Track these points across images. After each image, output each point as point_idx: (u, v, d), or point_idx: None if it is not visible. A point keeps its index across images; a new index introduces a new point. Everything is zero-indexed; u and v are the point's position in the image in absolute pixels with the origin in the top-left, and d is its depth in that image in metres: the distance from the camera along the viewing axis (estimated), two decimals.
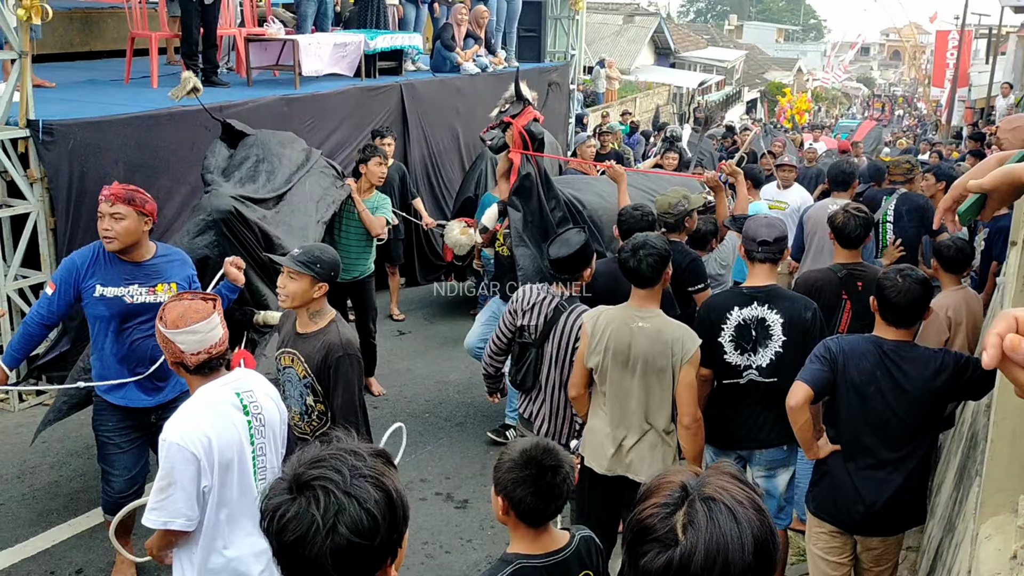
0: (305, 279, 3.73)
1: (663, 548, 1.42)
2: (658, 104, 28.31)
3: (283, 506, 1.54)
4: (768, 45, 60.94)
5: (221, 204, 5.17)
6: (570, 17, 14.05)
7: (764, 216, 4.41)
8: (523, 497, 2.43)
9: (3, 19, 5.89)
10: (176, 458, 2.81)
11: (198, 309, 2.98)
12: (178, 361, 3.00)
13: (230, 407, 2.98)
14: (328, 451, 1.61)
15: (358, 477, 1.56)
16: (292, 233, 5.59)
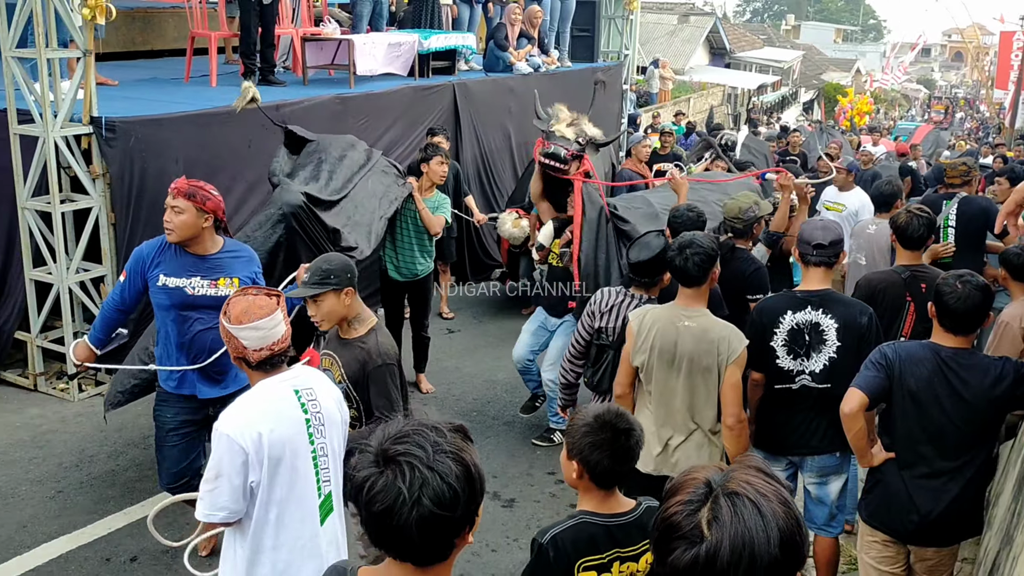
0: (328, 296, 3.65)
1: (689, 545, 1.43)
2: (712, 105, 28.05)
3: (371, 478, 1.67)
4: (826, 45, 60.01)
5: (291, 198, 5.21)
6: (624, 16, 13.96)
7: (820, 219, 4.35)
8: (600, 460, 2.54)
9: (69, 18, 6.04)
10: (224, 449, 2.80)
11: (262, 305, 2.96)
12: (240, 356, 2.99)
13: (287, 403, 2.94)
14: (411, 427, 1.72)
15: (440, 452, 1.67)
16: (357, 228, 5.63)
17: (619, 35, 14.11)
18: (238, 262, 4.32)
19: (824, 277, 4.09)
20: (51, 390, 6.57)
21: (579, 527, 2.57)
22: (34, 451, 5.73)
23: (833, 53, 57.80)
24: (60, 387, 6.57)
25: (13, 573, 4.53)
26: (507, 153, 10.45)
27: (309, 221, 5.21)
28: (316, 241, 5.27)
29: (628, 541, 2.58)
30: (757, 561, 1.40)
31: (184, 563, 3.31)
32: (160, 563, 4.65)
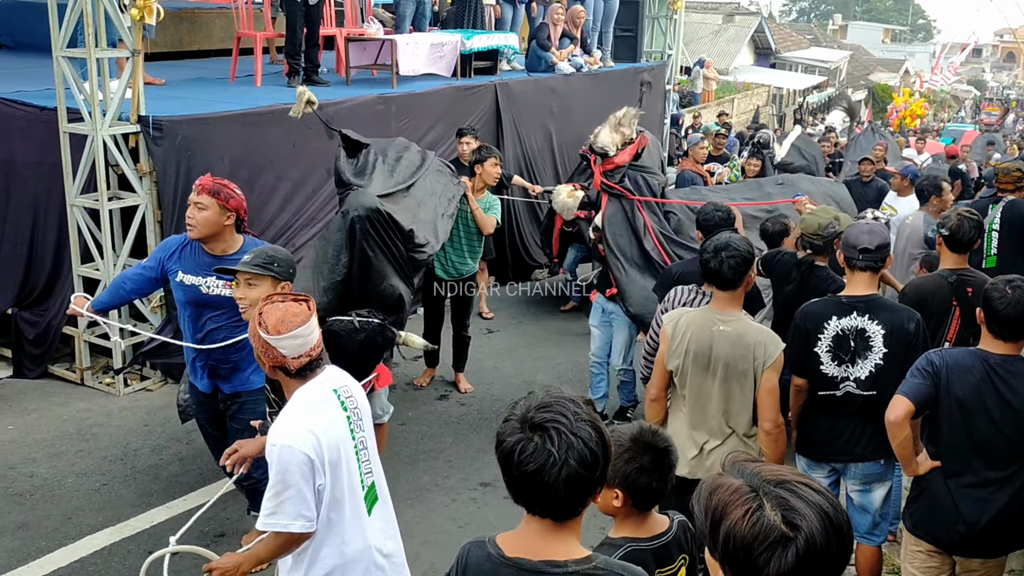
0: (266, 282, 3.57)
1: (783, 547, 1.43)
2: (758, 105, 27.77)
3: (522, 442, 1.89)
4: (874, 46, 59.09)
5: (367, 201, 5.06)
6: (668, 16, 13.86)
7: (866, 223, 4.27)
8: (648, 483, 2.51)
9: (118, 19, 6.14)
10: (289, 461, 2.77)
11: (296, 312, 2.91)
12: (279, 365, 2.93)
13: (330, 404, 2.96)
14: (551, 398, 1.94)
15: (580, 420, 1.90)
16: (423, 227, 5.60)
17: (662, 35, 14.01)
18: None
19: (870, 282, 4.01)
20: (97, 384, 6.68)
21: (629, 557, 2.46)
22: (80, 444, 5.83)
23: (881, 53, 56.90)
24: (106, 382, 6.68)
25: (58, 564, 4.61)
26: (548, 154, 10.42)
27: (384, 224, 5.11)
28: (391, 245, 5.13)
29: (668, 559, 2.57)
30: (841, 529, 1.47)
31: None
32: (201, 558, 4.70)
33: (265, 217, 7.15)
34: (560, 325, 8.59)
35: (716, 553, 1.50)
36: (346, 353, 4.66)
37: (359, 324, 4.69)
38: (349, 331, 4.62)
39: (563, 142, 10.44)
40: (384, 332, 4.76)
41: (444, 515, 5.24)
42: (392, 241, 5.14)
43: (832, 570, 1.47)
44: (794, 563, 1.43)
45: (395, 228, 5.14)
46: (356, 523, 3.01)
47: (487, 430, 6.33)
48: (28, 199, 6.89)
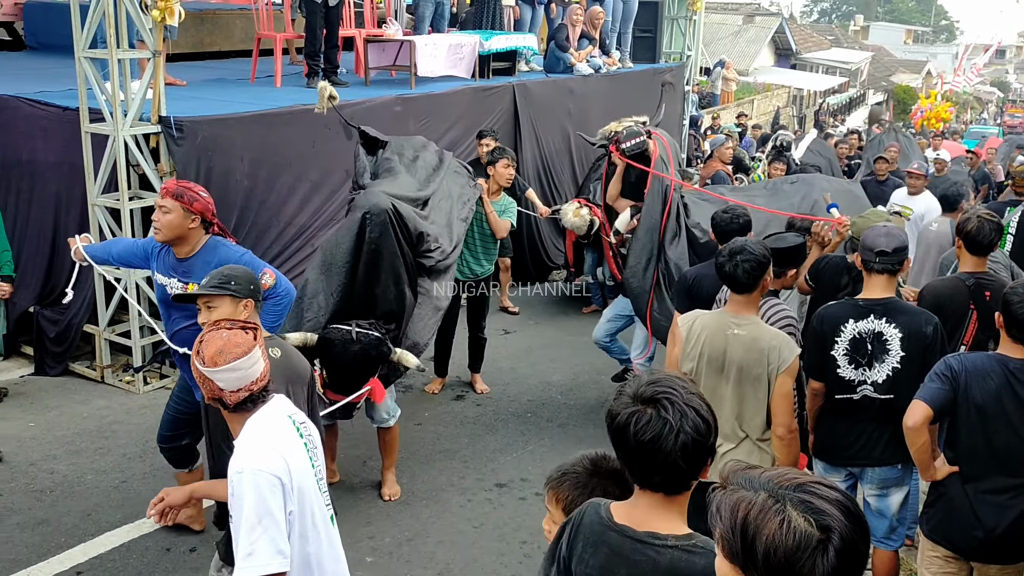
0: (225, 302, 3.38)
1: (822, 550, 1.45)
2: (778, 106, 27.63)
3: (636, 414, 1.96)
4: (896, 47, 58.63)
5: (380, 201, 5.00)
6: (687, 17, 13.82)
7: (883, 225, 4.24)
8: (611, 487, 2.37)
9: (140, 20, 6.20)
10: (260, 485, 2.56)
11: (238, 343, 2.69)
12: (216, 398, 2.73)
13: (289, 432, 2.78)
14: (658, 375, 2.04)
15: (689, 393, 2.00)
16: (439, 231, 5.60)
17: (682, 36, 13.98)
18: (207, 268, 4.13)
19: (887, 285, 3.98)
20: (117, 382, 6.74)
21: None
22: (100, 441, 5.89)
23: (903, 54, 56.46)
24: (126, 379, 6.74)
25: (77, 560, 4.66)
26: (566, 155, 10.42)
27: (396, 226, 5.07)
28: (402, 248, 5.10)
29: None
30: (861, 519, 1.50)
31: None
32: None
33: (284, 217, 7.19)
34: (577, 326, 8.59)
35: (754, 570, 1.48)
36: (339, 363, 4.64)
37: (356, 335, 4.67)
38: (344, 341, 4.60)
39: (581, 143, 10.42)
40: (380, 347, 4.74)
41: (459, 515, 5.26)
42: (404, 243, 5.14)
43: (863, 561, 1.50)
44: (836, 562, 1.45)
45: (406, 230, 5.13)
46: (331, 553, 2.87)
47: (503, 431, 6.34)
48: (50, 198, 6.97)
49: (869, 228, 4.35)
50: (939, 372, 3.45)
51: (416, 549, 4.88)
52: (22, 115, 7.01)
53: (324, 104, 5.76)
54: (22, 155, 7.00)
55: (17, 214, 6.99)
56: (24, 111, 7.00)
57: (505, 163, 6.73)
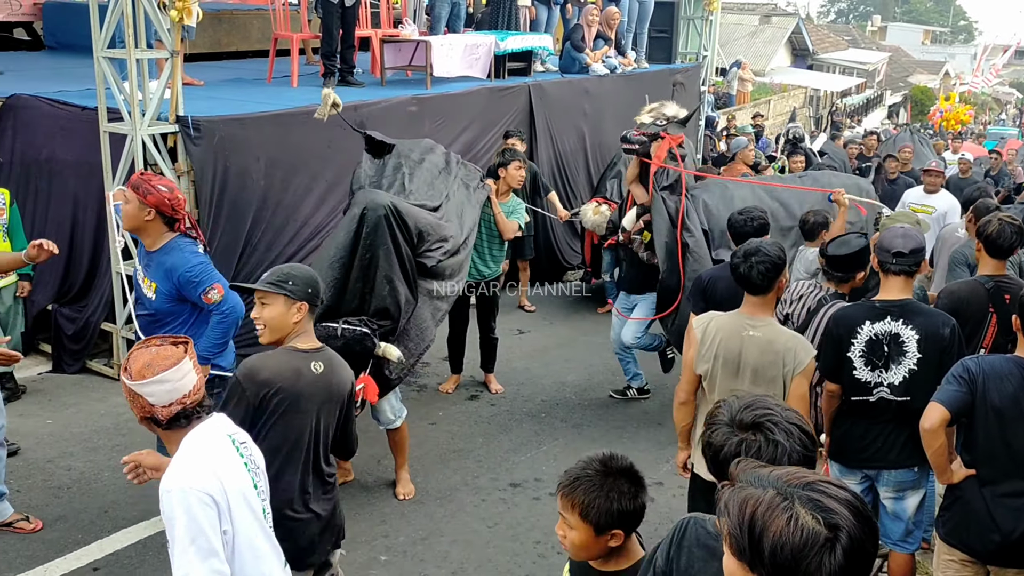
0: (278, 301, 3.26)
1: (830, 548, 1.45)
2: (795, 107, 27.52)
3: (746, 442, 1.99)
4: (913, 47, 58.29)
5: (379, 199, 5.03)
6: (703, 17, 13.78)
7: (900, 227, 4.22)
8: (643, 505, 2.36)
9: (158, 20, 6.23)
10: (191, 503, 2.46)
11: (167, 355, 2.61)
12: (148, 416, 2.62)
13: (226, 450, 2.67)
14: (748, 400, 2.06)
15: (784, 410, 2.04)
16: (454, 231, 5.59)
17: (698, 36, 13.94)
18: (161, 267, 4.21)
19: (904, 286, 3.96)
20: None
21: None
22: (117, 439, 5.92)
23: (921, 55, 56.12)
24: None
25: (94, 556, 4.69)
26: (582, 155, 10.42)
27: (394, 224, 5.07)
28: (399, 246, 5.09)
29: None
30: (870, 519, 1.51)
31: None
32: None
33: (300, 217, 7.22)
34: (591, 326, 8.58)
35: (761, 567, 1.49)
36: None
37: (341, 332, 4.66)
38: (327, 337, 4.51)
39: (596, 143, 10.43)
40: (364, 341, 4.70)
41: (474, 515, 5.26)
42: (404, 241, 5.13)
43: (870, 561, 1.50)
44: (843, 561, 1.45)
45: (405, 229, 5.13)
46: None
47: (517, 430, 6.34)
48: (68, 197, 7.03)
49: (886, 230, 4.33)
50: (956, 374, 3.43)
51: (430, 548, 4.89)
52: (41, 114, 7.07)
53: (326, 111, 5.77)
54: (41, 154, 7.06)
55: (36, 212, 7.04)
56: (43, 110, 7.06)
57: (517, 165, 6.74)
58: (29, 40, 11.81)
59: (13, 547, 4.73)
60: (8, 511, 4.85)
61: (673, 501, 5.37)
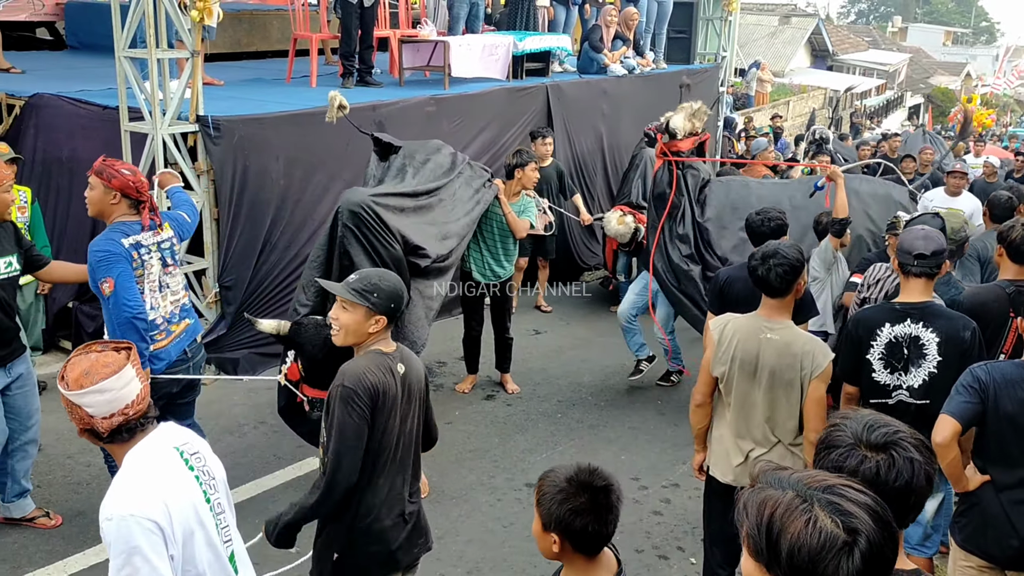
0: (359, 310, 3.13)
1: (848, 551, 1.45)
2: (814, 108, 27.39)
3: (881, 464, 1.94)
4: (934, 48, 57.83)
5: (353, 196, 5.07)
6: (723, 18, 13.74)
7: (921, 228, 4.19)
8: (585, 526, 2.27)
9: (179, 20, 6.28)
10: (133, 532, 2.30)
11: (107, 363, 2.43)
12: (87, 428, 2.44)
13: (173, 465, 2.49)
14: (870, 419, 2.02)
15: (903, 425, 2.03)
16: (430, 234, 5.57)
17: (717, 37, 13.90)
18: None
19: (925, 288, 3.93)
20: None
21: None
22: None
23: (942, 56, 55.69)
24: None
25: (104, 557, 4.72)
26: (599, 155, 10.41)
27: (370, 222, 5.01)
28: (376, 245, 5.05)
29: None
30: (891, 524, 1.50)
31: None
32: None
33: (318, 216, 7.24)
34: (608, 327, 8.57)
35: (778, 568, 1.49)
36: (311, 349, 4.49)
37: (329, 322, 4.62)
38: (317, 325, 4.47)
39: (613, 144, 10.42)
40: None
41: (489, 515, 5.27)
42: (378, 242, 5.04)
43: (889, 567, 1.49)
44: (861, 566, 1.44)
45: (384, 229, 5.07)
46: None
47: (533, 431, 6.34)
48: None
49: (906, 231, 4.30)
50: (966, 384, 3.38)
51: (446, 547, 4.90)
52: (63, 114, 7.14)
53: (334, 113, 5.79)
54: (62, 153, 7.13)
55: (57, 210, 7.11)
56: (65, 110, 7.13)
57: (533, 167, 6.77)
58: (51, 40, 11.92)
59: (33, 542, 4.78)
60: (30, 507, 4.91)
61: (689, 503, 5.35)
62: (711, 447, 4.03)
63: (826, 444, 2.01)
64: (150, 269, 4.33)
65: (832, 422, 2.05)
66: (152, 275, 4.35)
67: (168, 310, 4.43)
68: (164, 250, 4.43)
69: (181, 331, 4.53)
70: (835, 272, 5.73)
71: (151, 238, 4.36)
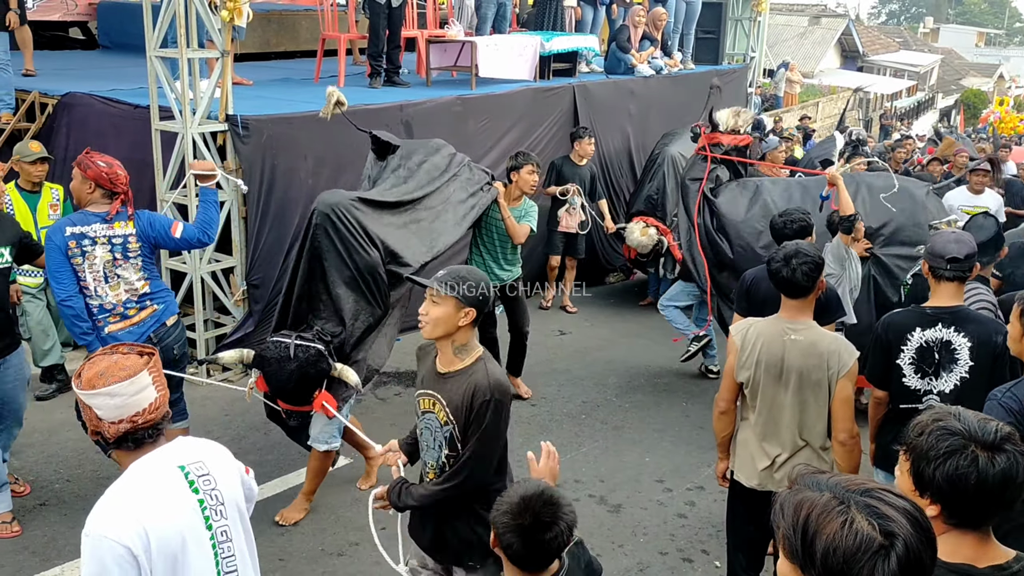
0: (449, 303, 3.14)
1: (884, 555, 1.43)
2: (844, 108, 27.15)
3: (1002, 461, 1.90)
4: (967, 49, 57.18)
5: (329, 199, 4.90)
6: (751, 18, 13.64)
7: (952, 231, 4.14)
8: (511, 543, 2.38)
9: (209, 20, 6.33)
10: (105, 557, 2.22)
11: (124, 366, 2.37)
12: (96, 431, 2.39)
13: (172, 485, 2.37)
14: (985, 420, 1.97)
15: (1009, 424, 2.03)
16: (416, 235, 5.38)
17: (746, 37, 13.81)
18: None
19: (956, 292, 3.88)
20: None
21: None
22: None
23: (974, 57, 55.04)
24: (190, 371, 6.87)
25: None
26: (626, 156, 10.37)
27: (346, 227, 4.86)
28: (350, 251, 4.89)
29: None
30: (930, 531, 1.48)
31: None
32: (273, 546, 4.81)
33: None
34: (633, 328, 8.55)
35: (812, 570, 1.48)
36: (277, 381, 4.52)
37: (295, 351, 4.51)
38: (280, 359, 4.47)
39: (640, 144, 10.38)
40: (319, 363, 4.54)
41: None
42: (352, 247, 4.88)
43: (927, 572, 1.47)
44: (896, 570, 1.43)
45: (361, 233, 4.91)
46: None
47: (557, 432, 6.33)
48: None
49: (937, 234, 4.26)
50: (1005, 407, 3.14)
51: None
52: (95, 112, 7.23)
53: (330, 109, 5.79)
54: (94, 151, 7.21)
55: None
56: (97, 108, 7.21)
57: (530, 169, 6.42)
58: (84, 39, 12.08)
59: (62, 535, 4.84)
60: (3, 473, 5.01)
61: (714, 506, 5.32)
62: (735, 451, 4.00)
63: (942, 444, 1.94)
64: (92, 260, 4.51)
65: (933, 425, 1.98)
66: (95, 265, 4.52)
67: (122, 298, 4.60)
68: (115, 244, 4.56)
69: (145, 316, 4.67)
70: (849, 267, 5.71)
71: (103, 230, 4.53)
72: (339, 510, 5.22)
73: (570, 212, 8.47)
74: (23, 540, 4.81)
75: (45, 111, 7.50)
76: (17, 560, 4.65)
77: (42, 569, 4.59)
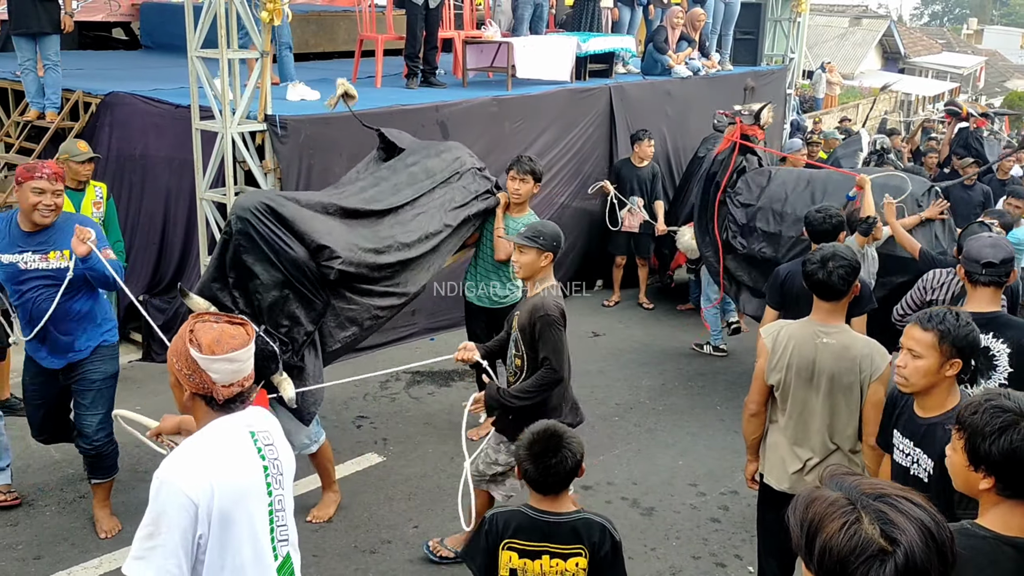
0: (531, 251, 4.16)
1: (880, 561, 1.42)
2: (885, 111, 26.79)
3: None
4: (1012, 51, 56.05)
5: (243, 202, 4.62)
6: (791, 19, 13.50)
7: (988, 236, 4.08)
8: (527, 469, 3.00)
9: (249, 21, 6.40)
10: (169, 503, 2.34)
11: (233, 335, 2.50)
12: (203, 394, 2.48)
13: (243, 448, 2.50)
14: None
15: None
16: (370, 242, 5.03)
17: (785, 38, 13.67)
18: (65, 236, 4.48)
19: (993, 298, 3.82)
20: None
21: (514, 513, 3.07)
22: None
23: (1019, 59, 53.99)
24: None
25: None
26: (663, 157, 10.31)
27: (263, 224, 4.55)
28: (273, 248, 4.57)
29: (560, 539, 3.00)
30: (944, 546, 1.45)
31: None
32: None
33: None
34: (668, 331, 8.51)
35: (812, 566, 1.49)
36: None
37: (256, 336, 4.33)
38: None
39: (678, 146, 10.32)
40: (268, 361, 4.40)
41: None
42: (273, 244, 4.57)
43: None
44: None
45: (279, 227, 4.59)
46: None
47: (590, 433, 6.31)
48: (161, 192, 7.28)
49: (972, 238, 4.20)
50: None
51: None
52: (137, 112, 7.35)
53: (336, 99, 5.80)
54: (136, 150, 7.33)
55: (130, 206, 7.32)
56: (139, 108, 7.34)
57: (511, 175, 5.64)
58: (127, 40, 12.28)
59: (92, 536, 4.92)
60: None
61: (748, 511, 5.28)
62: (764, 455, 3.97)
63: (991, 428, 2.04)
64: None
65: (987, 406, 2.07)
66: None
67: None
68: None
69: None
70: (863, 267, 5.73)
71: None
72: (372, 508, 5.26)
73: (632, 212, 8.78)
74: (63, 531, 4.91)
75: (88, 110, 7.64)
76: (57, 551, 4.74)
77: (81, 561, 4.68)
